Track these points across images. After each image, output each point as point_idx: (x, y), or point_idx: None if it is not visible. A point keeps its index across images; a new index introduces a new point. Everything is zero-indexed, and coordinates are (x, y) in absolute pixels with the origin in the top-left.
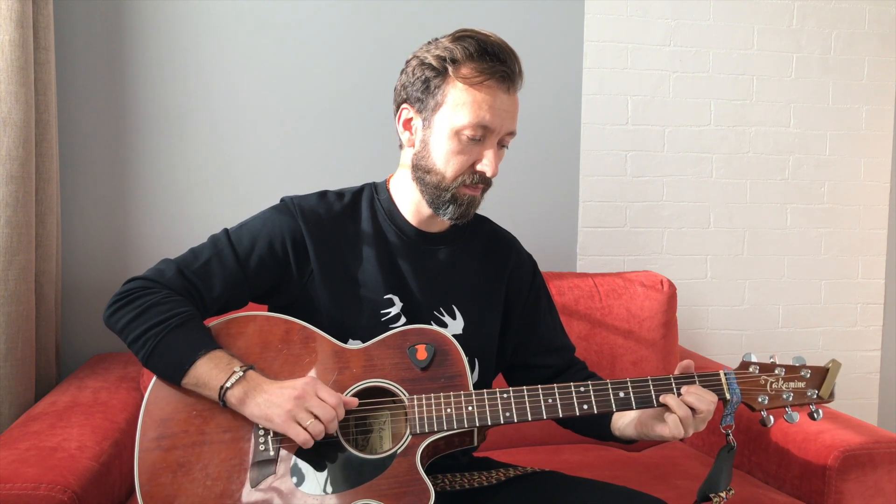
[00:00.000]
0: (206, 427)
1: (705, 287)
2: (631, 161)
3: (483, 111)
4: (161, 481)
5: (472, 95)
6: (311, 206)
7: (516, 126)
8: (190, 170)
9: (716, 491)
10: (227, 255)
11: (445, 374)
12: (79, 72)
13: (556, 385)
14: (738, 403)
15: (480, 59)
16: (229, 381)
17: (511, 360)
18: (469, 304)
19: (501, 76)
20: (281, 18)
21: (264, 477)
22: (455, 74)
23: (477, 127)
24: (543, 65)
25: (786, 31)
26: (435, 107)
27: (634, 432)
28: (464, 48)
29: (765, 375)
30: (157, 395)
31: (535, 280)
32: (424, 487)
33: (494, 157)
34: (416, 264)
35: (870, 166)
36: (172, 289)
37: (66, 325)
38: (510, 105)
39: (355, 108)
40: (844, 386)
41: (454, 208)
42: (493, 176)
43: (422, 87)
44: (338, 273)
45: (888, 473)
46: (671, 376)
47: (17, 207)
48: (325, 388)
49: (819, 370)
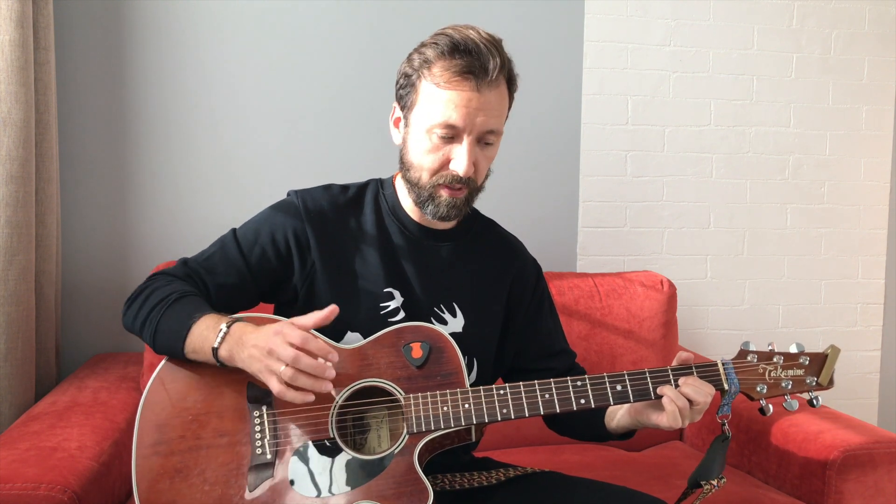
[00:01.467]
0: (203, 432)
1: (705, 287)
2: (631, 161)
3: (450, 110)
4: (159, 488)
5: (440, 95)
6: (315, 199)
7: (497, 123)
8: (190, 169)
9: (707, 479)
10: (231, 249)
11: (441, 371)
12: (79, 72)
13: (552, 380)
14: (736, 393)
15: (451, 57)
16: (217, 340)
17: (512, 365)
18: (470, 303)
19: (470, 74)
20: (281, 17)
21: (262, 481)
22: (426, 74)
23: (445, 126)
24: (543, 65)
25: (786, 31)
26: (411, 105)
27: (629, 420)
28: (435, 46)
29: (763, 364)
30: (153, 399)
31: (539, 284)
32: (423, 487)
33: (467, 156)
34: (418, 260)
35: (870, 166)
36: (175, 276)
37: (66, 325)
38: (482, 103)
39: (356, 106)
40: (844, 386)
41: (433, 207)
42: (465, 175)
43: (404, 85)
44: (339, 264)
45: (888, 473)
46: (668, 368)
47: (17, 207)
48: (293, 329)
49: (818, 357)
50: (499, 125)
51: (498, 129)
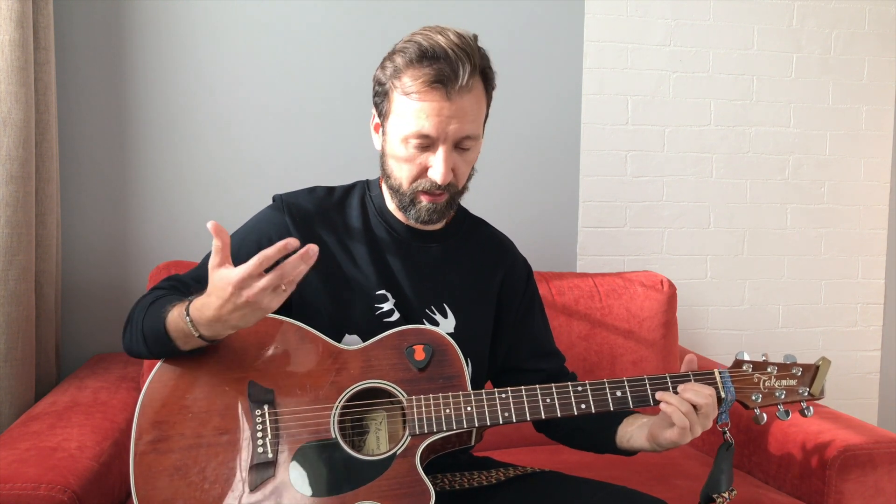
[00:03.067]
0: (203, 430)
1: (705, 287)
2: (631, 161)
3: (422, 120)
4: (158, 485)
5: (410, 105)
6: (299, 202)
7: (473, 128)
8: (190, 169)
9: (718, 492)
10: None
11: (444, 374)
12: (79, 72)
13: (553, 385)
14: (732, 401)
15: (418, 65)
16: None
17: (503, 364)
18: (461, 303)
19: (439, 83)
20: (281, 18)
21: (263, 479)
22: (397, 84)
23: (418, 136)
24: (543, 65)
25: (786, 31)
26: (387, 114)
27: (646, 443)
28: (403, 55)
29: (758, 374)
30: (152, 397)
31: (530, 284)
32: (425, 488)
33: (443, 164)
34: (406, 261)
35: (870, 166)
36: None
37: (66, 325)
38: (455, 110)
39: (357, 107)
40: (844, 386)
41: (415, 212)
42: (443, 183)
43: (379, 93)
44: (329, 268)
45: (888, 473)
46: (667, 375)
47: (17, 207)
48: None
49: (809, 368)
50: (475, 129)
51: (474, 134)
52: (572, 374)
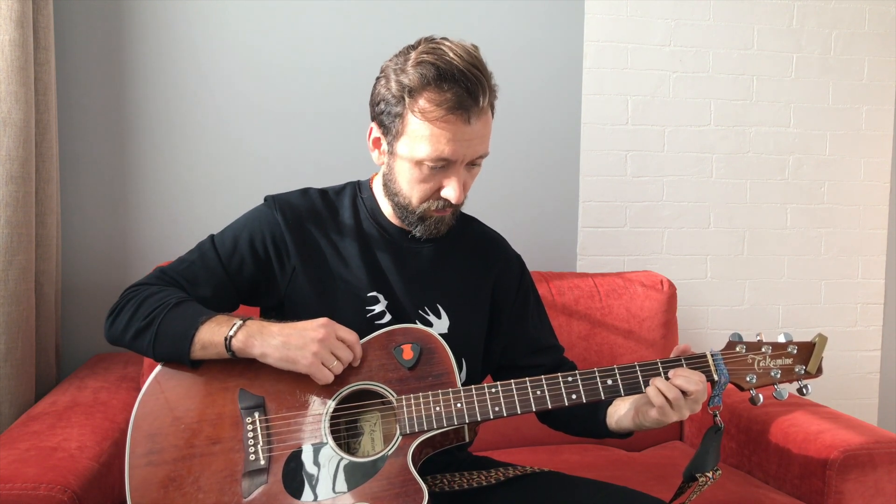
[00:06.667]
0: (196, 440)
1: (705, 287)
2: (631, 161)
3: (442, 145)
4: (153, 497)
5: (430, 129)
6: (292, 203)
7: (486, 146)
8: (190, 170)
9: (702, 471)
10: (210, 257)
11: (433, 372)
12: (79, 72)
13: (543, 377)
14: (726, 384)
15: (438, 88)
16: (231, 329)
17: (500, 361)
18: (454, 303)
19: (460, 107)
20: (281, 18)
21: (256, 486)
22: (412, 106)
23: (437, 160)
24: (543, 65)
25: (786, 31)
26: (397, 135)
27: (631, 423)
28: (421, 76)
29: (752, 354)
30: (145, 409)
31: (523, 280)
32: (418, 487)
33: (458, 185)
34: (398, 263)
35: (870, 166)
36: (159, 285)
37: (66, 325)
38: (473, 133)
39: (356, 108)
40: (844, 386)
41: (423, 227)
42: (458, 203)
43: (386, 112)
44: (320, 269)
45: (888, 473)
46: (658, 361)
47: (17, 207)
48: (343, 328)
49: (806, 345)
50: (487, 148)
51: (486, 153)
52: (571, 364)
